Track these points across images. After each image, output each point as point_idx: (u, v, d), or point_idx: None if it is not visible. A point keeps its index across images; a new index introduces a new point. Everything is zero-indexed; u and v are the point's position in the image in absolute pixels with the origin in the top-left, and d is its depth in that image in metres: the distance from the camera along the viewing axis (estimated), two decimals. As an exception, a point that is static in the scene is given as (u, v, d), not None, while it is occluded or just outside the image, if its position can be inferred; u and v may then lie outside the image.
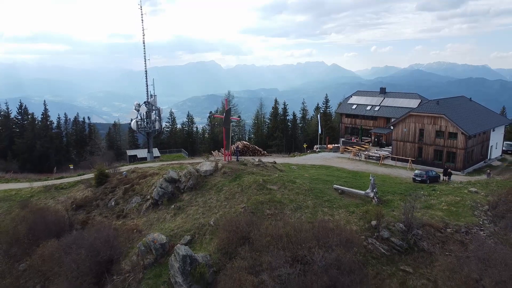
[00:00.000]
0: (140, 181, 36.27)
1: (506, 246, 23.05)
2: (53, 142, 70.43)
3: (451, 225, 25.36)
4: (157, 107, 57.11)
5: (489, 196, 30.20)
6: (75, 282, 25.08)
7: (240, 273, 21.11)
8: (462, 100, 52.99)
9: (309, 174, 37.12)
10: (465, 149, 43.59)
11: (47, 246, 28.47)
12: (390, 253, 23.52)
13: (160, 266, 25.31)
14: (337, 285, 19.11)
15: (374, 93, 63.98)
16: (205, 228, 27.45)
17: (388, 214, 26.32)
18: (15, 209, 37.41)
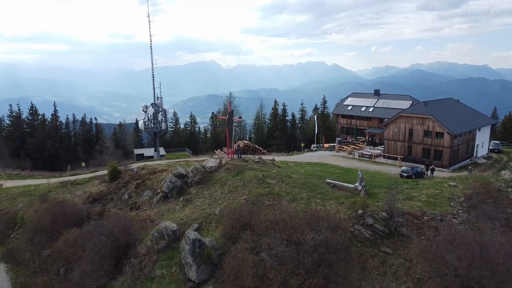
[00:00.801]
0: (150, 176, 39.88)
1: (474, 231, 26.65)
2: (63, 141, 74.15)
3: (428, 214, 28.94)
4: (163, 108, 60.69)
5: (466, 189, 33.79)
6: (97, 264, 28.69)
7: (243, 253, 24.72)
8: (449, 102, 56.58)
9: (305, 170, 40.73)
10: (450, 148, 47.15)
11: (70, 234, 32.14)
12: (373, 238, 27.08)
13: (172, 250, 28.90)
14: (325, 262, 22.69)
15: (368, 95, 67.51)
16: (211, 217, 31.04)
17: (373, 204, 29.88)
18: (35, 203, 41.12)
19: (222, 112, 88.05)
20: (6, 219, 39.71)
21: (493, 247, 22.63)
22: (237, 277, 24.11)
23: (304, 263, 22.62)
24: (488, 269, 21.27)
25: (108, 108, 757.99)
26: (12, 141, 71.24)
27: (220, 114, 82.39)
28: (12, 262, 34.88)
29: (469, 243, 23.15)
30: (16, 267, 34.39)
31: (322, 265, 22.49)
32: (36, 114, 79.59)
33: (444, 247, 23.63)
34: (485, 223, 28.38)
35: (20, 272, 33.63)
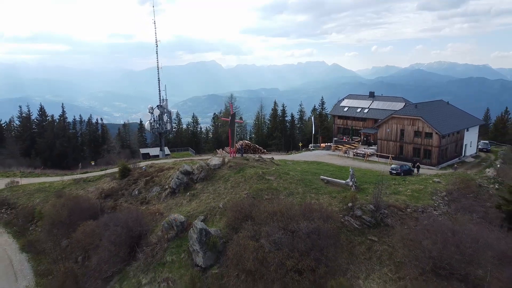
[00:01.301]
0: (158, 174, 43.22)
1: (452, 221, 29.93)
2: (71, 141, 77.51)
3: (411, 206, 32.27)
4: (168, 110, 64.02)
5: (448, 185, 37.10)
6: (113, 251, 32.02)
7: (244, 240, 28.06)
8: (439, 104, 59.87)
9: (301, 168, 44.04)
10: (439, 147, 50.45)
11: (87, 225, 35.47)
12: (361, 227, 30.37)
13: (180, 239, 32.20)
14: (316, 246, 26.01)
15: (364, 96, 70.77)
16: (216, 210, 34.36)
17: (362, 198, 33.18)
18: (51, 198, 44.47)
19: (223, 113, 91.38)
20: (25, 213, 43.01)
21: (463, 233, 25.99)
22: (239, 261, 27.44)
23: (298, 248, 25.94)
24: (458, 252, 24.62)
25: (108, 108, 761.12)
26: (23, 141, 74.59)
27: (222, 115, 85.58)
28: (33, 252, 38.19)
29: (443, 230, 26.52)
30: (37, 257, 37.72)
31: (314, 250, 25.81)
32: (45, 115, 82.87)
33: (422, 234, 27.00)
34: (463, 215, 31.70)
35: (41, 261, 36.96)
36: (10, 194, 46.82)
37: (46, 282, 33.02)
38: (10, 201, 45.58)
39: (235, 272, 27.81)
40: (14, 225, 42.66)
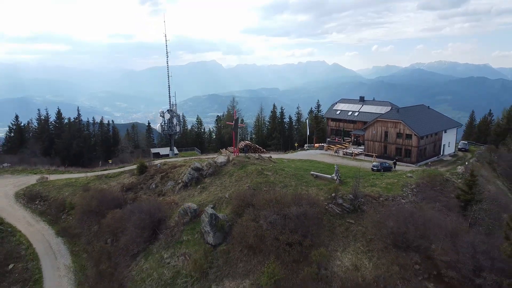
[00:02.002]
0: (172, 170, 50.56)
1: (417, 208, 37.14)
2: (86, 142, 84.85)
3: (383, 196, 39.58)
4: (177, 113, 71.32)
5: (418, 179, 44.39)
6: (139, 233, 39.34)
7: (246, 222, 35.39)
8: (420, 108, 67.13)
9: (295, 165, 51.36)
10: (418, 147, 57.64)
11: (115, 212, 42.86)
12: (341, 212, 37.66)
13: (194, 223, 39.52)
14: (303, 225, 33.32)
15: (354, 101, 77.95)
16: (222, 200, 41.69)
17: (344, 189, 40.47)
18: (78, 192, 51.83)
19: (225, 116, 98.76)
20: (57, 205, 50.33)
21: (419, 215, 33.32)
22: (242, 239, 34.79)
23: (289, 226, 33.28)
24: (413, 228, 31.91)
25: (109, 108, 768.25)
26: (42, 141, 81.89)
27: (225, 118, 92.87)
28: (67, 237, 45.52)
29: (403, 213, 33.85)
30: (71, 240, 45.06)
31: (301, 228, 33.15)
32: (61, 117, 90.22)
33: (387, 216, 34.32)
34: (427, 203, 39.01)
35: (75, 243, 44.31)
36: (42, 188, 54.17)
37: (85, 257, 40.36)
38: (42, 194, 52.94)
39: (239, 247, 35.16)
40: (48, 214, 50.02)
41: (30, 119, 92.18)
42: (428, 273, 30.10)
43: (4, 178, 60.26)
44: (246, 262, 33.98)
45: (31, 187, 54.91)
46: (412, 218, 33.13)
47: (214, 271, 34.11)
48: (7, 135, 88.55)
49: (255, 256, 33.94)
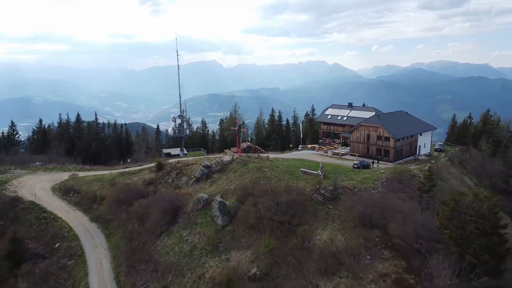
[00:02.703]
0: (185, 168, 61.03)
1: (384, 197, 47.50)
2: (103, 143, 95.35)
3: (357, 187, 50.04)
4: (187, 119, 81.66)
5: (388, 175, 54.81)
6: (161, 217, 49.80)
7: (248, 207, 45.88)
8: (399, 114, 77.62)
9: (289, 163, 61.80)
10: (395, 148, 68.07)
11: (141, 201, 53.39)
12: (323, 200, 48.06)
13: (206, 209, 49.93)
14: (292, 209, 43.78)
15: (344, 107, 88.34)
16: (228, 191, 52.14)
17: (327, 182, 50.88)
18: (106, 186, 62.28)
19: (228, 119, 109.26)
20: (88, 196, 60.78)
21: (382, 200, 43.78)
22: (245, 220, 45.26)
23: (281, 210, 43.76)
24: (377, 211, 42.32)
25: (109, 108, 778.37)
26: (64, 142, 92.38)
27: (227, 120, 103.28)
28: (100, 222, 55.96)
29: (370, 200, 44.32)
30: (103, 225, 55.46)
31: (290, 210, 43.63)
32: (80, 121, 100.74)
33: (358, 202, 44.79)
34: (393, 194, 49.43)
35: (107, 227, 54.73)
36: (74, 183, 64.69)
37: (117, 237, 50.86)
38: (75, 188, 63.44)
39: (242, 227, 45.62)
40: (81, 204, 60.49)
41: (51, 122, 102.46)
42: (385, 243, 40.52)
43: (39, 175, 70.83)
44: (247, 238, 44.44)
45: (65, 182, 65.46)
46: (376, 204, 43.64)
47: (223, 245, 44.56)
48: (29, 137, 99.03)
49: (255, 233, 44.39)
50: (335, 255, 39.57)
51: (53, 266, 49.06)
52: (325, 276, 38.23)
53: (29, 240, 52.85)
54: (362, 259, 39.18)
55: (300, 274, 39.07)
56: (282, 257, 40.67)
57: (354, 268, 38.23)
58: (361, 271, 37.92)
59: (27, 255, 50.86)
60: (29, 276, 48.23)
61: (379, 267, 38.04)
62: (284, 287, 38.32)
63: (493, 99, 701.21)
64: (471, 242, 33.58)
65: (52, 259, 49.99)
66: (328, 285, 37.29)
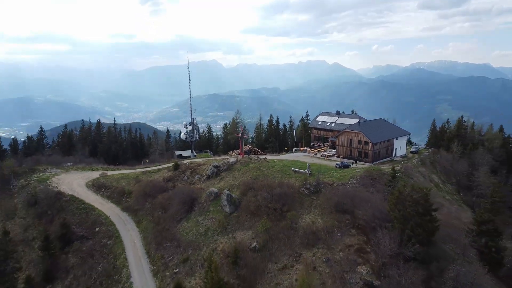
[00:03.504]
0: (197, 167, 75.40)
1: (357, 190, 61.80)
2: (121, 146, 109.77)
3: (336, 183, 64.33)
4: (196, 125, 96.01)
5: (363, 173, 69.12)
6: (181, 206, 64.22)
7: (249, 198, 60.34)
8: (378, 122, 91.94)
9: (282, 163, 76.12)
10: (373, 151, 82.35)
11: (164, 194, 67.83)
12: (308, 193, 62.39)
13: (216, 200, 64.33)
14: (283, 200, 58.18)
15: (332, 114, 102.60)
16: (234, 186, 66.53)
17: (311, 179, 65.20)
18: (132, 182, 76.67)
19: (231, 124, 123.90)
20: (118, 191, 75.19)
21: (353, 193, 58.14)
22: (247, 208, 59.67)
23: (275, 199, 58.16)
24: (348, 201, 56.65)
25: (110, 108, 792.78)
26: (87, 145, 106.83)
27: (230, 126, 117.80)
28: (129, 211, 70.36)
29: (344, 192, 58.65)
30: (132, 214, 69.86)
31: (282, 200, 58.05)
32: (100, 126, 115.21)
33: (335, 194, 59.13)
34: (364, 188, 63.70)
35: (136, 215, 69.10)
36: (105, 180, 79.14)
37: (145, 223, 65.27)
38: (106, 184, 77.89)
39: (245, 214, 59.94)
40: (112, 198, 74.93)
41: (74, 128, 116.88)
42: (352, 224, 54.75)
43: (73, 174, 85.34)
44: (249, 221, 58.75)
45: (97, 179, 79.99)
46: (349, 195, 57.90)
47: (230, 227, 58.89)
48: (54, 140, 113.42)
49: (255, 217, 58.70)
50: (314, 233, 53.84)
51: (96, 245, 63.58)
52: (306, 247, 52.49)
53: (74, 226, 67.41)
54: (335, 236, 53.44)
55: (289, 247, 53.38)
56: (275, 235, 55.00)
57: (328, 242, 52.51)
58: (333, 243, 52.19)
59: (74, 237, 65.53)
60: (78, 252, 62.95)
61: (346, 240, 52.31)
62: (277, 256, 52.65)
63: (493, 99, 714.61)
64: (409, 221, 47.86)
65: (95, 240, 64.50)
66: (308, 253, 51.57)
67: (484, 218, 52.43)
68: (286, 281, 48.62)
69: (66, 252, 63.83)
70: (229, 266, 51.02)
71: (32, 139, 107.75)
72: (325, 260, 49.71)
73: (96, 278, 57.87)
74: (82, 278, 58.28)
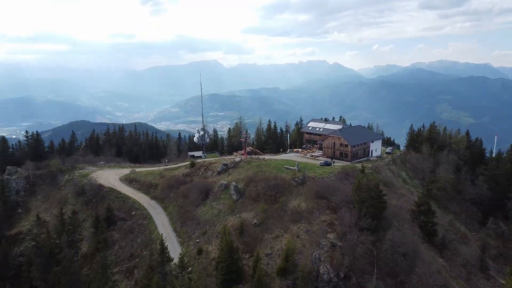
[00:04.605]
0: (209, 165, 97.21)
1: (334, 182, 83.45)
2: (141, 147, 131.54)
3: (317, 177, 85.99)
4: (207, 130, 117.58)
5: (340, 169, 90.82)
6: (198, 195, 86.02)
7: (251, 188, 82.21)
8: (357, 128, 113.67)
9: (278, 162, 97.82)
10: (351, 152, 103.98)
11: (185, 186, 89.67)
12: (296, 184, 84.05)
13: (226, 190, 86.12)
14: (277, 189, 79.90)
15: (321, 120, 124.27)
16: (239, 179, 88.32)
17: (299, 174, 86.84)
18: (157, 177, 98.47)
19: (234, 129, 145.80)
20: (146, 184, 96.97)
21: (330, 184, 79.88)
22: (249, 195, 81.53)
23: (270, 189, 79.95)
24: (326, 190, 78.35)
25: (110, 107, 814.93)
26: (113, 147, 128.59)
27: (233, 130, 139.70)
28: (157, 200, 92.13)
29: (323, 183, 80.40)
30: (159, 201, 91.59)
31: (275, 189, 79.83)
32: (123, 130, 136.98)
33: (316, 185, 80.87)
34: (340, 181, 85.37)
35: (162, 202, 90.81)
36: (134, 175, 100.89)
37: (171, 208, 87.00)
38: (136, 179, 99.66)
39: (248, 200, 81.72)
40: (142, 189, 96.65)
41: (100, 132, 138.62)
42: (327, 206, 76.29)
43: (106, 171, 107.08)
44: (251, 205, 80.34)
45: (128, 175, 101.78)
46: (326, 186, 79.50)
47: (237, 209, 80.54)
48: (81, 143, 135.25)
49: (255, 202, 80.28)
50: (299, 212, 75.38)
51: (134, 224, 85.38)
52: (293, 223, 73.98)
53: (115, 210, 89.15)
54: (314, 214, 74.96)
55: (280, 222, 74.90)
56: (270, 214, 76.56)
57: (309, 219, 74.03)
58: (312, 220, 73.71)
59: (116, 219, 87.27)
60: (120, 230, 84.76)
61: (322, 217, 73.83)
62: (271, 229, 74.21)
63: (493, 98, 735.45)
64: (365, 202, 69.36)
65: (132, 220, 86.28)
66: (294, 227, 73.09)
67: (422, 201, 74.13)
68: (278, 246, 70.21)
69: (111, 230, 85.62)
70: (236, 236, 72.58)
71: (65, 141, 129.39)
72: (306, 231, 71.38)
73: (137, 247, 79.66)
74: (126, 247, 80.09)
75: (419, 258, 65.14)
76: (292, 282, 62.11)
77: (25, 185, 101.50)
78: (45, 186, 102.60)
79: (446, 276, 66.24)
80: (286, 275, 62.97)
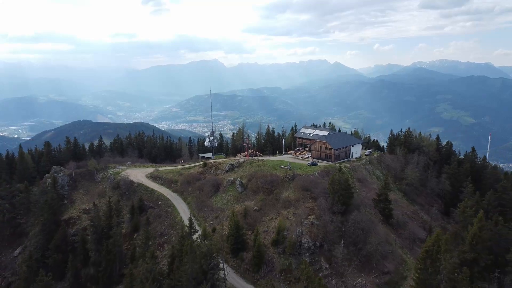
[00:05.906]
0: (219, 165, 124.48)
1: (317, 178, 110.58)
2: (159, 150, 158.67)
3: (304, 174, 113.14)
4: (216, 136, 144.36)
5: (323, 168, 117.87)
6: (211, 188, 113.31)
7: (252, 183, 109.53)
8: (340, 134, 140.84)
9: (274, 162, 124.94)
10: (334, 154, 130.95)
11: (200, 181, 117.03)
12: (288, 180, 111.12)
13: (232, 185, 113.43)
14: (272, 183, 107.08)
15: (311, 127, 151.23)
16: (243, 176, 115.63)
17: (290, 172, 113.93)
18: (176, 174, 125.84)
19: (237, 133, 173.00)
20: (168, 181, 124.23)
21: (314, 180, 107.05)
22: (251, 188, 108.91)
23: (267, 183, 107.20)
24: (310, 184, 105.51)
25: (112, 107, 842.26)
26: (135, 149, 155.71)
27: (236, 135, 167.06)
28: (177, 193, 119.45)
29: (308, 179, 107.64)
30: (179, 194, 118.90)
31: (271, 184, 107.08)
32: (143, 135, 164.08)
33: (303, 180, 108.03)
34: (322, 178, 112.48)
35: (182, 194, 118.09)
36: (158, 173, 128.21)
37: (189, 199, 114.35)
38: (159, 176, 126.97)
39: (250, 192, 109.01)
40: (165, 185, 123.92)
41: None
42: (310, 197, 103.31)
43: (134, 170, 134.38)
44: (253, 196, 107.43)
45: (152, 173, 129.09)
46: (311, 181, 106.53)
47: (241, 199, 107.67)
48: (106, 147, 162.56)
49: (256, 194, 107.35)
50: (289, 201, 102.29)
51: (161, 211, 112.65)
52: (284, 209, 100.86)
53: (145, 201, 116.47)
54: (300, 203, 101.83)
55: (274, 208, 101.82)
56: (267, 202, 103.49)
57: (296, 206, 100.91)
58: (299, 206, 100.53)
59: (146, 207, 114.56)
60: (150, 215, 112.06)
61: (306, 205, 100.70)
62: (268, 213, 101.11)
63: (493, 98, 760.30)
64: (337, 192, 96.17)
65: (159, 208, 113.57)
66: (284, 212, 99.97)
67: (381, 192, 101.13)
68: (272, 225, 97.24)
69: (143, 216, 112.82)
70: (241, 218, 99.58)
71: (94, 144, 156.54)
72: (293, 214, 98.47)
73: (165, 227, 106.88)
74: (157, 228, 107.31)
75: (375, 232, 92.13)
76: (282, 250, 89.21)
77: (68, 181, 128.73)
78: (84, 182, 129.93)
79: (395, 245, 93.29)
80: (278, 245, 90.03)
